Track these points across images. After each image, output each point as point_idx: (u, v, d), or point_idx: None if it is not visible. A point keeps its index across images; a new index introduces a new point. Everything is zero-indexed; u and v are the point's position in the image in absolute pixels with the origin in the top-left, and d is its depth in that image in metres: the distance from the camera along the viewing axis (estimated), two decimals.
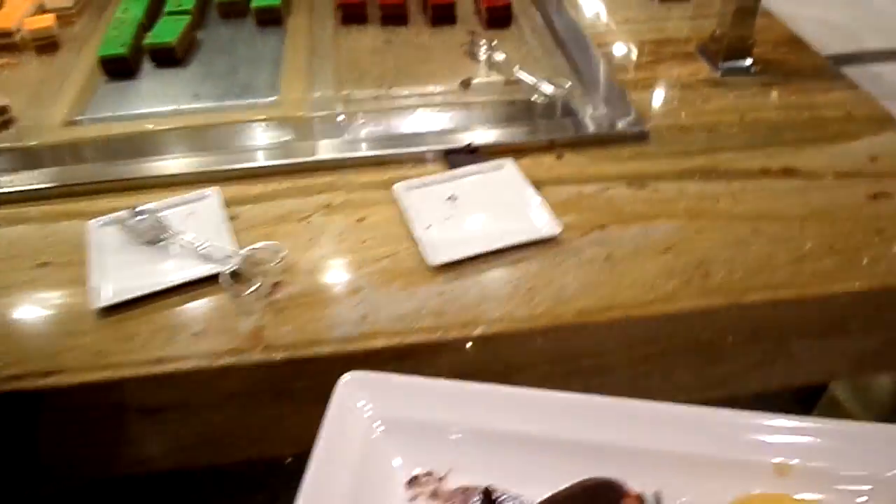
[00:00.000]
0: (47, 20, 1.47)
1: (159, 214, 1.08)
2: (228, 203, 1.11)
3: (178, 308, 0.94)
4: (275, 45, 1.44)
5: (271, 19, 1.51)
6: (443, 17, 1.48)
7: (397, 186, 1.09)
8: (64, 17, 1.58)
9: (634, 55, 1.45)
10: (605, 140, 1.20)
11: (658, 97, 1.32)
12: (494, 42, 1.36)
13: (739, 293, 0.93)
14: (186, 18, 1.44)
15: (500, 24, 1.46)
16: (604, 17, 1.59)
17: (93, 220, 1.05)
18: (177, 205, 1.11)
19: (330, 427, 0.62)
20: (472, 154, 1.19)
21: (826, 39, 1.52)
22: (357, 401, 0.65)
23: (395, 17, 1.49)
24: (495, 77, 1.32)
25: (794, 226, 1.03)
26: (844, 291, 0.94)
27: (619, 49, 1.47)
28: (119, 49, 1.37)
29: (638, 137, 1.20)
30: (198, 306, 0.95)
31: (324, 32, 1.45)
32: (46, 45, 1.49)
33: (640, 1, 1.67)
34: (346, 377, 0.66)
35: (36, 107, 1.30)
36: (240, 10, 1.54)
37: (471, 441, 0.63)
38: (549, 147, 1.20)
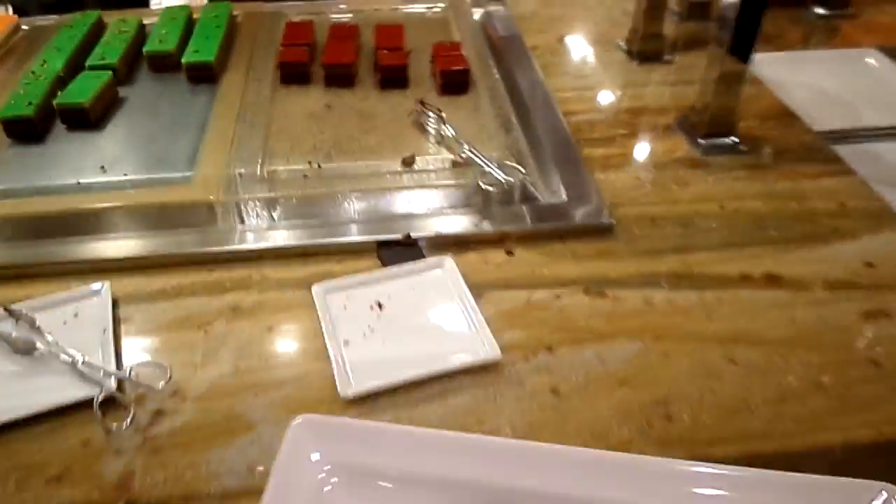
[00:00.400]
0: None
1: (36, 315, 0.93)
2: (122, 301, 0.95)
3: (39, 442, 0.78)
4: (203, 106, 1.29)
5: (204, 77, 1.36)
6: (392, 79, 1.33)
7: (316, 289, 0.94)
8: None
9: (605, 126, 1.30)
10: (565, 233, 1.05)
11: (628, 180, 1.17)
12: (443, 113, 1.21)
13: (706, 444, 0.78)
14: (106, 75, 1.29)
15: (456, 90, 1.32)
16: (576, 80, 1.45)
17: None
18: (59, 304, 0.95)
19: (279, 472, 0.64)
20: (409, 247, 1.04)
21: (819, 112, 1.37)
22: (307, 447, 0.67)
23: (340, 79, 1.34)
24: (444, 155, 1.17)
25: (776, 352, 0.87)
26: (833, 444, 0.78)
27: (588, 119, 1.32)
28: (24, 109, 1.21)
29: (602, 230, 1.05)
30: (62, 440, 0.79)
31: (259, 94, 1.30)
32: None
33: (617, 61, 1.53)
34: (298, 419, 0.69)
35: None
36: (171, 65, 1.39)
37: (415, 485, 0.65)
38: (500, 240, 1.04)
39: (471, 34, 1.50)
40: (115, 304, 0.94)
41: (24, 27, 1.58)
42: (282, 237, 1.03)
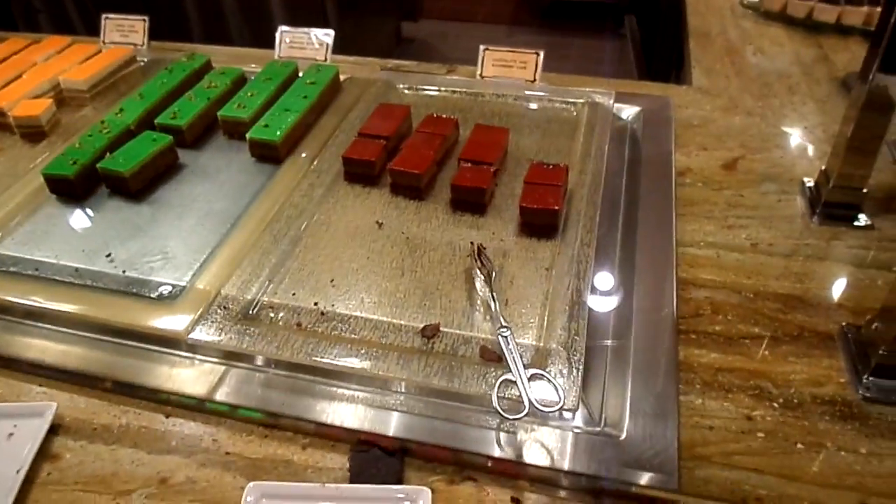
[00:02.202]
0: (37, 108, 1.28)
1: None
2: (62, 430, 0.84)
3: None
4: (251, 193, 1.13)
5: (268, 156, 1.19)
6: (466, 202, 1.07)
7: (251, 490, 0.74)
8: (77, 99, 1.38)
9: (737, 316, 0.95)
10: (602, 492, 0.74)
11: (735, 419, 0.82)
12: (495, 272, 0.93)
13: None
14: (164, 140, 1.18)
15: (538, 232, 1.03)
16: (721, 233, 1.08)
17: None
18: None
19: None
20: (387, 457, 0.79)
21: None
22: None
23: (407, 189, 1.10)
24: (476, 332, 0.89)
25: None
26: None
27: (715, 299, 0.97)
28: (66, 169, 1.13)
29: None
30: None
31: (310, 193, 1.11)
32: (33, 133, 1.29)
33: (792, 212, 1.13)
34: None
35: None
36: (243, 133, 1.24)
37: None
38: (509, 475, 0.77)
39: (597, 146, 1.18)
40: (53, 429, 0.84)
41: (141, 60, 1.52)
42: (243, 393, 0.83)
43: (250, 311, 0.92)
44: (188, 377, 0.87)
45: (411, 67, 1.57)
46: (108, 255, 1.03)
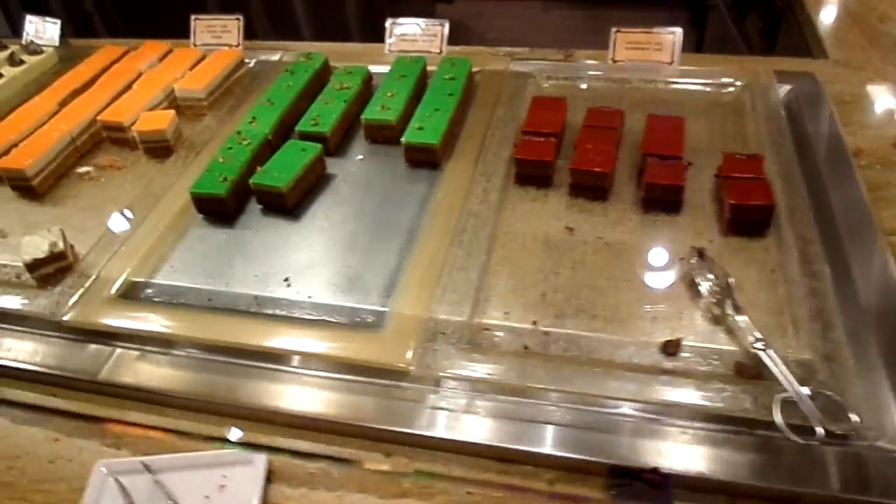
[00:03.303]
0: (161, 121, 1.19)
1: (175, 476, 0.75)
2: (275, 477, 0.77)
3: None
4: (417, 204, 1.06)
5: (425, 161, 1.11)
6: (661, 201, 0.99)
7: None
8: (193, 108, 1.29)
9: None
10: None
11: None
12: (731, 279, 0.85)
13: None
14: (314, 150, 1.09)
15: (748, 230, 0.95)
16: None
17: (101, 463, 0.77)
18: (204, 465, 0.77)
19: None
20: (652, 487, 0.72)
21: None
22: None
23: (590, 189, 1.02)
24: (720, 344, 0.82)
25: None
26: None
27: None
28: (217, 187, 1.04)
29: None
30: None
31: (485, 199, 1.03)
32: (158, 147, 1.21)
33: None
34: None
35: (100, 255, 1.01)
36: (391, 138, 1.16)
37: None
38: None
39: (773, 131, 1.10)
40: (267, 478, 0.77)
41: (248, 61, 1.43)
42: (479, 429, 0.76)
43: (475, 337, 0.84)
44: (428, 416, 0.79)
45: (525, 54, 1.47)
46: (286, 280, 0.95)
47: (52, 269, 1.00)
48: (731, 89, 1.25)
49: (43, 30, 1.64)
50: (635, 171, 1.06)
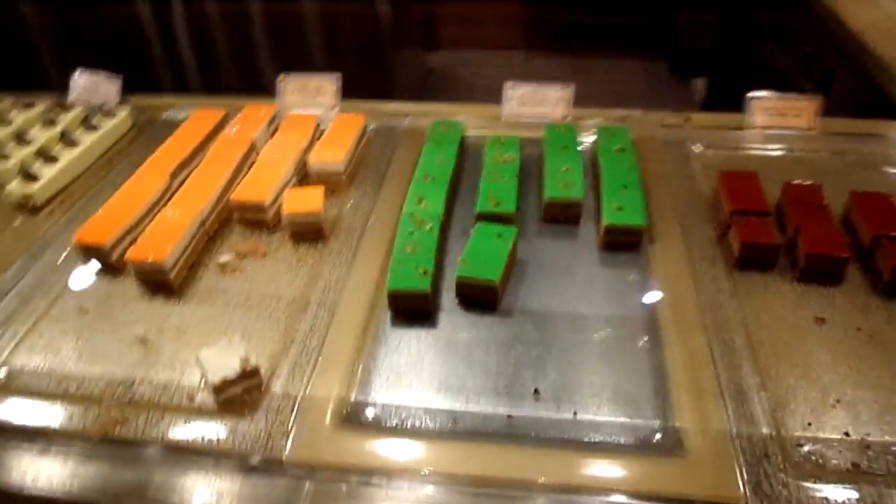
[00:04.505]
0: (314, 200, 1.04)
1: None
2: None
3: None
4: (634, 289, 0.95)
5: (625, 244, 1.01)
6: None
7: None
8: (330, 184, 1.15)
9: None
10: None
11: None
12: None
13: None
14: (511, 234, 0.98)
15: None
16: None
17: None
18: None
19: None
20: None
21: None
22: None
23: (825, 275, 0.95)
24: None
25: None
26: None
27: None
28: (418, 282, 0.91)
29: None
30: None
31: (718, 284, 0.93)
32: (308, 231, 1.06)
33: None
34: None
35: (289, 368, 0.85)
36: (572, 217, 1.06)
37: None
38: None
39: None
40: None
41: (370, 126, 1.30)
42: None
43: (793, 455, 0.74)
44: None
45: (639, 117, 1.41)
46: (536, 392, 0.83)
47: (241, 390, 0.83)
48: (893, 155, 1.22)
49: (94, 86, 1.46)
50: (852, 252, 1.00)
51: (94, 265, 1.04)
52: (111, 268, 1.04)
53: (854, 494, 0.71)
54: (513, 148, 1.17)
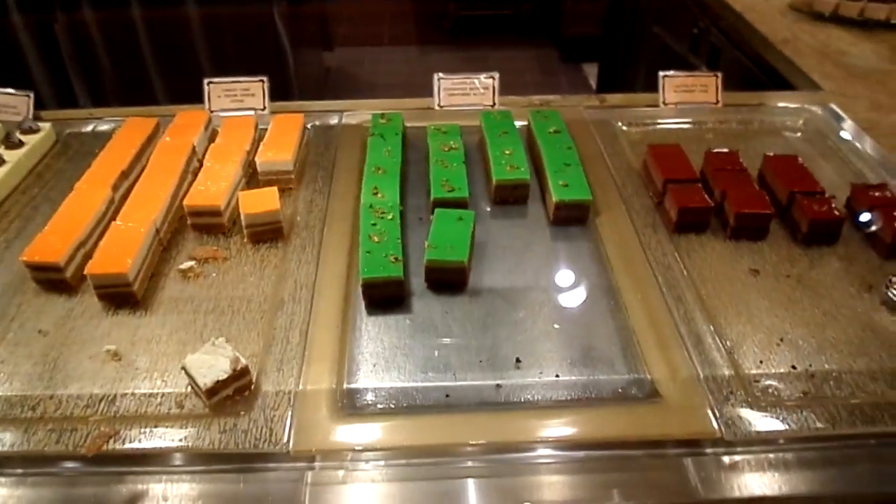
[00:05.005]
0: (270, 200, 1.05)
1: None
2: None
3: None
4: (590, 259, 1.03)
5: (573, 218, 1.09)
6: (822, 235, 1.05)
7: None
8: (278, 182, 1.16)
9: None
10: None
11: None
12: None
13: None
14: (470, 218, 1.02)
15: None
16: None
17: None
18: None
19: None
20: None
21: None
22: None
23: (753, 231, 1.06)
24: None
25: None
26: None
27: None
28: (391, 269, 0.94)
29: None
30: None
31: (662, 246, 1.03)
32: (266, 231, 1.06)
33: None
34: None
35: (275, 365, 0.87)
36: (520, 198, 1.12)
37: None
38: None
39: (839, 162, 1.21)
40: None
41: (307, 125, 1.31)
42: None
43: (751, 390, 0.84)
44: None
45: (559, 101, 1.50)
46: (518, 361, 0.88)
47: (232, 391, 0.84)
48: (794, 121, 1.36)
49: (4, 102, 1.39)
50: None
51: (44, 285, 1.01)
52: (64, 285, 1.00)
53: (811, 417, 0.80)
54: (455, 136, 1.21)
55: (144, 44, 2.72)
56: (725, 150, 1.19)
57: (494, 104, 1.41)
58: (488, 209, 1.14)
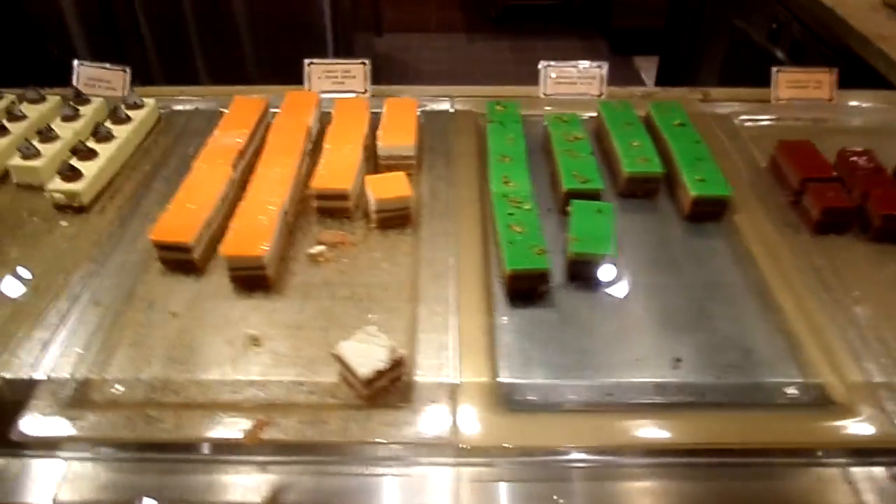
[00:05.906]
0: (401, 186, 1.02)
1: None
2: None
3: None
4: (730, 257, 1.00)
5: (708, 214, 1.06)
6: None
7: None
8: (398, 168, 1.13)
9: None
10: None
11: None
12: None
13: None
14: (608, 210, 0.99)
15: None
16: None
17: None
18: None
19: None
20: None
21: None
22: None
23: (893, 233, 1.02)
24: None
25: None
26: None
27: None
28: (536, 262, 0.91)
29: None
30: None
31: (806, 247, 0.99)
32: (394, 217, 1.03)
33: None
34: None
35: (428, 356, 0.84)
36: (651, 190, 1.09)
37: None
38: None
39: None
40: None
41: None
42: None
43: None
44: None
45: (661, 94, 1.46)
46: (677, 360, 0.85)
47: (387, 381, 0.81)
48: None
49: (101, 77, 1.37)
50: None
51: (170, 265, 0.98)
52: (191, 266, 0.97)
53: None
54: (576, 125, 1.18)
55: (191, 27, 2.68)
56: (860, 148, 1.15)
57: (601, 94, 1.38)
58: (616, 203, 1.10)
